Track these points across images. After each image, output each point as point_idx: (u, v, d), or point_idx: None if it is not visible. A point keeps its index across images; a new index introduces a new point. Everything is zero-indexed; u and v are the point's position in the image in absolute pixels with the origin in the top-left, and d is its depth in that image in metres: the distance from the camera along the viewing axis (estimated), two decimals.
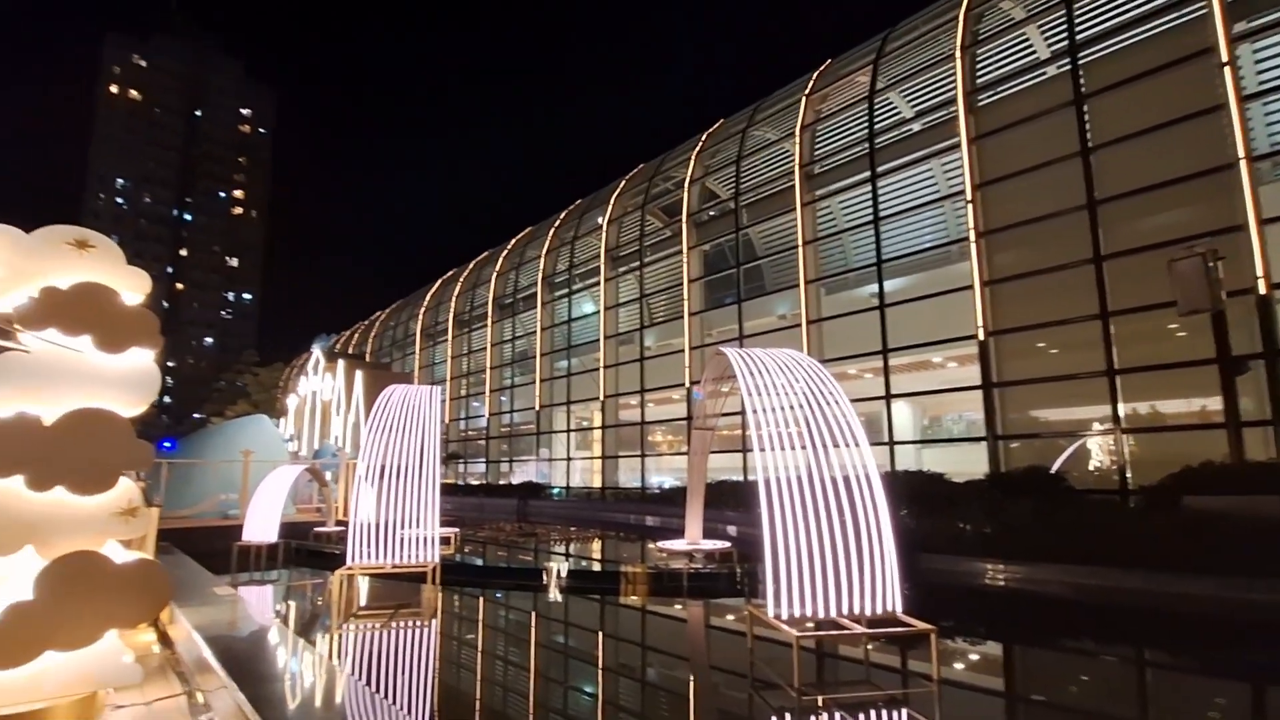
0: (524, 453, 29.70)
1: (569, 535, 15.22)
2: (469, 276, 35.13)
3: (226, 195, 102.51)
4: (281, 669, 4.39)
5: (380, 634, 7.06)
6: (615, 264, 25.35)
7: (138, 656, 4.06)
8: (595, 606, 9.09)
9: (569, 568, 10.55)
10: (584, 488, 25.72)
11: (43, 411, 3.49)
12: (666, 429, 24.05)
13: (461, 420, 33.70)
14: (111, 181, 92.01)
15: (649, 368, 23.18)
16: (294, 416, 27.89)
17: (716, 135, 23.10)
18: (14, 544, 3.49)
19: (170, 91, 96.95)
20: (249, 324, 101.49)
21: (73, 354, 3.53)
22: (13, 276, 3.43)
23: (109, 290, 3.63)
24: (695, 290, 21.56)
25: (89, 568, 3.59)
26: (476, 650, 7.02)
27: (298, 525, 13.23)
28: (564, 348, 27.47)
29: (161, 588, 3.83)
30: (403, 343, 39.64)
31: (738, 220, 20.27)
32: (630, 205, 25.49)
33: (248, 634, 5.28)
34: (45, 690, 3.58)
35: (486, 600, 9.39)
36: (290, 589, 10.27)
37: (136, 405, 3.80)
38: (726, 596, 9.09)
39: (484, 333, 32.17)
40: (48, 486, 3.45)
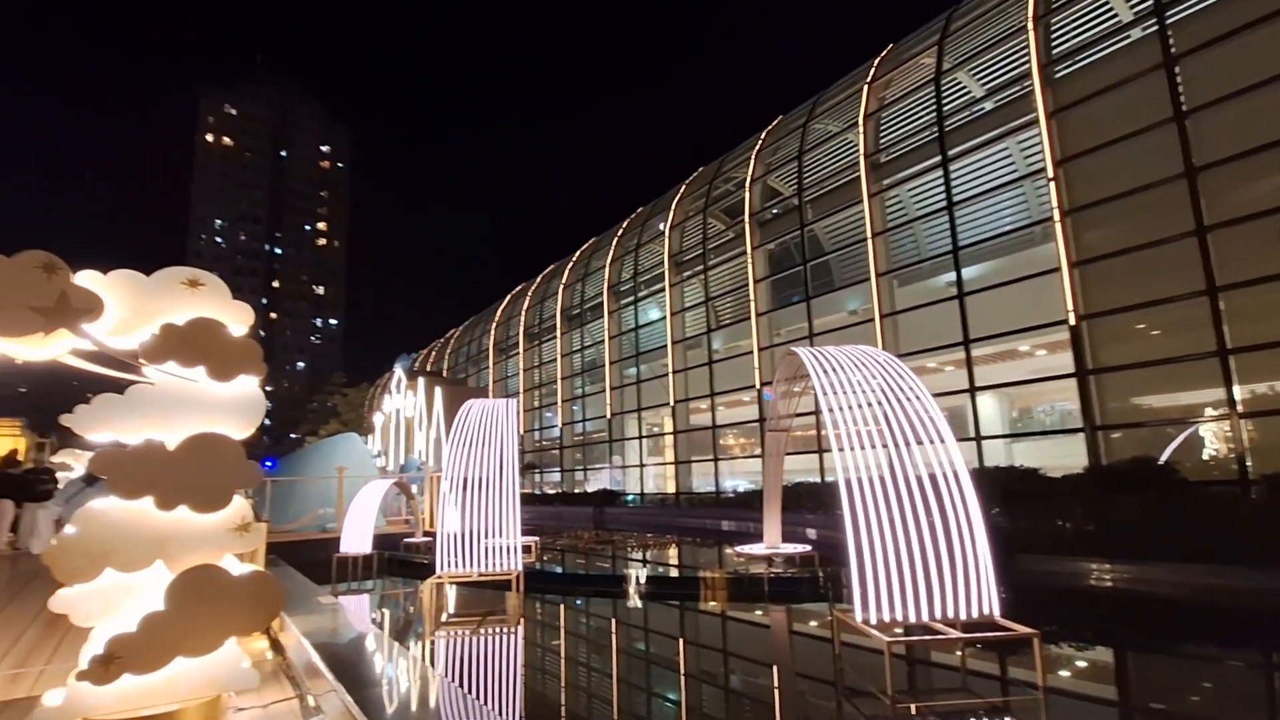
0: (597, 461, 30.06)
1: (645, 542, 15.28)
2: (537, 290, 35.97)
3: (311, 228, 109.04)
4: (383, 673, 4.62)
5: (470, 640, 7.31)
6: (679, 269, 25.37)
7: (253, 662, 4.37)
8: (675, 612, 9.09)
9: (648, 574, 10.59)
10: (658, 493, 25.78)
11: (166, 437, 3.82)
12: (738, 432, 23.81)
13: (536, 431, 34.47)
14: (211, 222, 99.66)
15: (718, 371, 23.03)
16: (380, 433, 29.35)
17: (776, 132, 22.79)
18: (146, 559, 3.84)
19: (258, 136, 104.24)
20: (336, 347, 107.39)
21: (190, 384, 3.86)
22: (136, 316, 3.78)
23: (218, 324, 3.95)
24: (761, 290, 21.30)
25: (211, 580, 3.90)
26: (562, 656, 7.16)
27: (389, 536, 13.86)
28: (632, 355, 27.68)
29: (274, 598, 4.11)
30: (476, 358, 40.96)
31: (802, 217, 19.91)
32: (692, 209, 25.47)
33: (351, 640, 5.57)
34: (177, 693, 3.91)
35: (568, 607, 9.56)
36: (385, 597, 10.77)
37: (245, 429, 4.11)
38: (809, 601, 8.90)
39: (554, 344, 32.84)
40: (173, 506, 3.78)
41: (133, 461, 3.70)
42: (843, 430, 5.45)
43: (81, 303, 3.47)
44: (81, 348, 3.71)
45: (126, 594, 3.85)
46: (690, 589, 9.63)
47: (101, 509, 3.79)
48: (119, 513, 3.76)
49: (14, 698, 4.76)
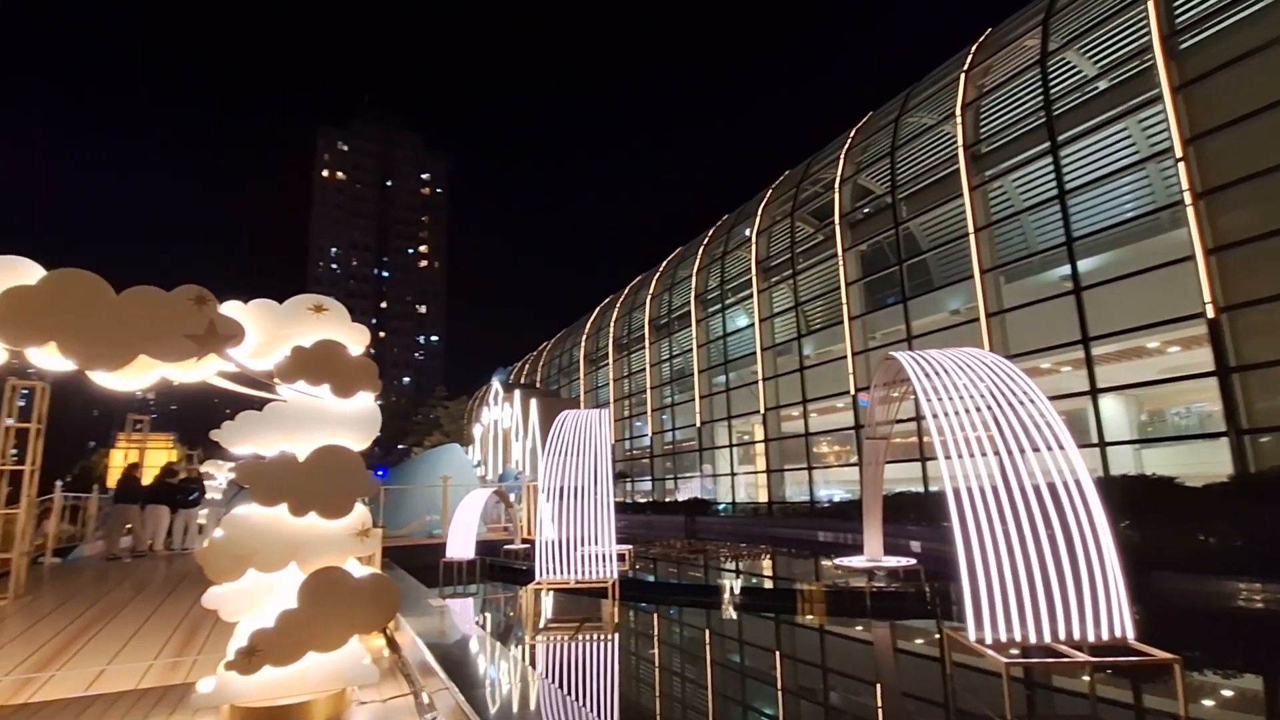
0: (688, 469, 30.00)
1: (738, 552, 15.08)
2: (625, 301, 36.50)
3: (414, 251, 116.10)
4: (490, 674, 4.82)
5: (569, 645, 7.48)
6: (767, 275, 25.01)
7: (372, 659, 4.68)
8: (770, 625, 8.91)
9: (742, 585, 10.45)
10: (750, 503, 25.38)
11: (298, 450, 4.19)
12: (833, 440, 23.08)
13: (626, 440, 34.87)
14: (328, 250, 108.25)
15: (810, 377, 22.46)
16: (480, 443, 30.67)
17: (866, 130, 22.08)
18: (282, 561, 4.21)
19: (367, 169, 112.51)
20: (438, 362, 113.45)
21: (316, 401, 4.22)
22: (271, 340, 4.19)
23: (340, 345, 4.30)
24: (854, 293, 20.62)
25: (337, 581, 4.22)
26: (659, 665, 7.19)
27: (489, 543, 14.44)
28: (721, 363, 27.50)
29: (392, 599, 4.40)
30: (568, 369, 42.00)
31: (896, 215, 19.14)
32: (778, 214, 25.07)
33: (460, 641, 5.85)
34: (308, 685, 4.25)
35: (663, 616, 9.58)
36: (487, 601, 11.22)
37: (364, 441, 4.44)
38: (915, 618, 8.47)
39: (642, 354, 33.16)
40: (304, 512, 4.13)
41: (270, 471, 4.09)
42: (949, 436, 5.17)
43: (227, 330, 3.88)
44: (226, 370, 4.15)
45: (267, 593, 4.24)
46: (786, 601, 9.42)
47: (244, 515, 4.21)
48: (259, 518, 4.16)
49: (173, 683, 5.34)
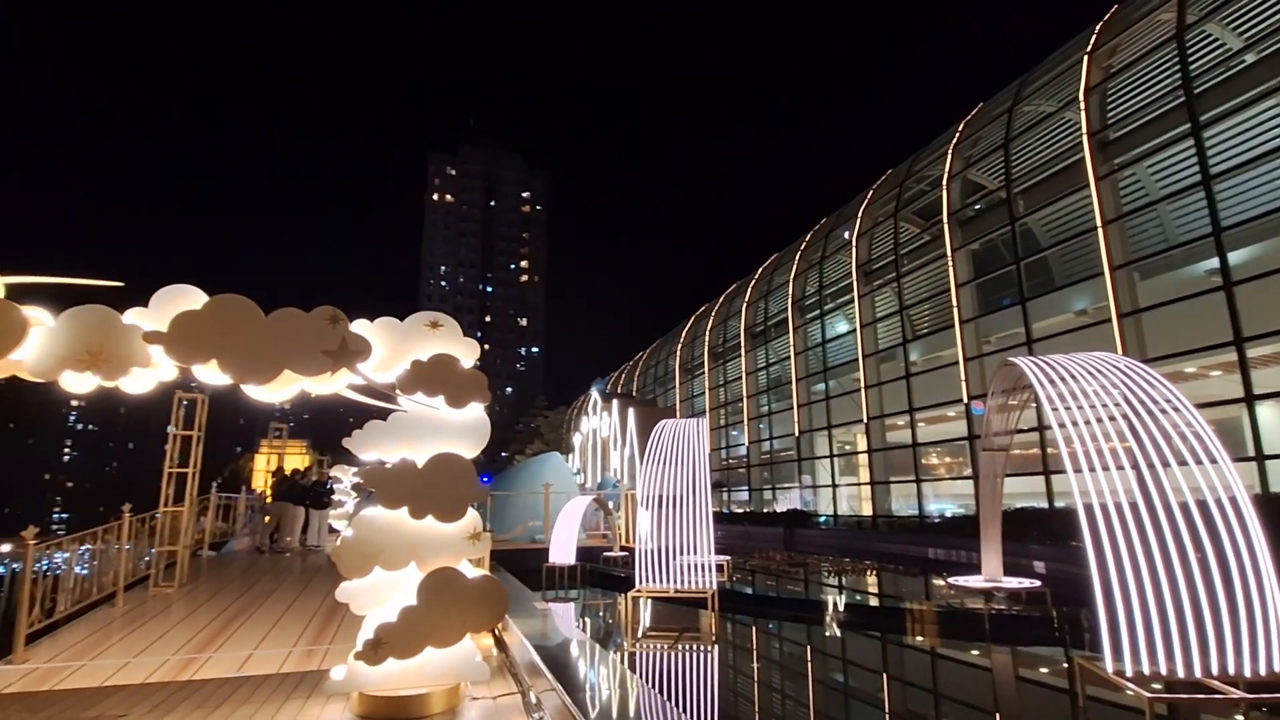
0: (786, 480, 29.30)
1: (841, 566, 14.55)
2: (720, 309, 36.32)
3: (515, 266, 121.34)
4: (595, 677, 4.94)
5: (668, 655, 7.51)
6: (868, 279, 24.09)
7: (482, 657, 4.92)
8: (878, 645, 8.53)
9: (846, 601, 10.08)
10: (853, 516, 24.41)
11: (416, 457, 4.50)
12: (943, 450, 21.81)
13: (722, 449, 34.57)
14: (438, 269, 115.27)
15: (916, 385, 21.36)
16: (579, 452, 31.43)
17: (975, 123, 20.85)
18: (403, 560, 4.53)
19: (473, 190, 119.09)
20: (537, 373, 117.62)
21: (433, 411, 4.52)
22: (393, 355, 4.54)
23: (454, 359, 4.59)
24: (965, 295, 19.44)
25: (452, 580, 4.48)
26: (759, 680, 7.06)
27: (588, 549, 14.74)
28: (820, 371, 26.72)
29: (502, 600, 4.61)
30: (663, 379, 42.25)
31: (1012, 210, 17.90)
32: (880, 215, 24.12)
33: (565, 644, 6.02)
34: (426, 679, 4.53)
35: (763, 630, 9.41)
36: (587, 606, 11.46)
37: (475, 449, 4.70)
38: (1040, 644, 7.84)
39: (738, 362, 32.82)
40: (422, 515, 4.42)
41: (392, 477, 4.42)
42: (1078, 448, 4.75)
43: (356, 346, 4.25)
44: (355, 382, 4.53)
45: (391, 589, 4.56)
46: (894, 620, 8.97)
47: (370, 516, 4.56)
48: (383, 520, 4.50)
49: (309, 669, 5.85)
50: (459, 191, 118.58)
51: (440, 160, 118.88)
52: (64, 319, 4.21)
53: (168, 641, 6.82)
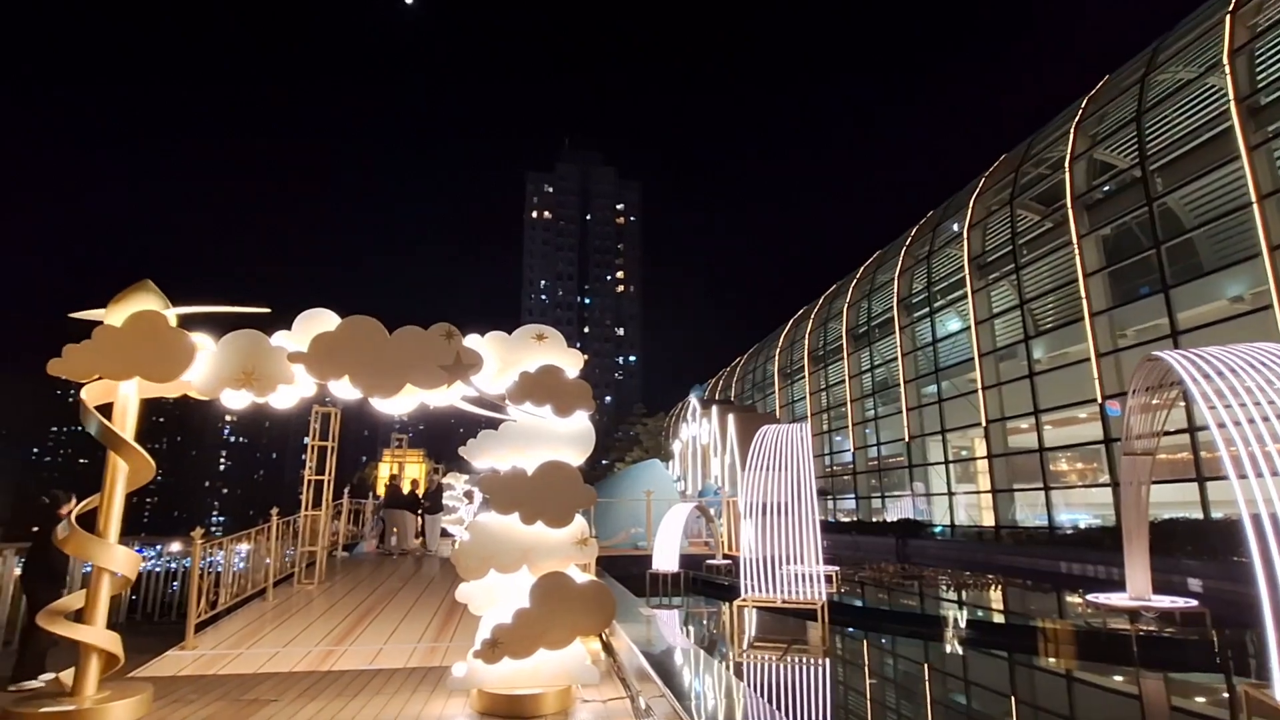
0: (896, 488, 27.90)
1: (962, 580, 13.65)
2: (819, 312, 35.29)
3: (611, 277, 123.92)
4: (703, 685, 4.92)
5: (777, 666, 7.34)
6: (983, 272, 22.58)
7: (591, 661, 5.02)
8: (1006, 665, 7.92)
9: (968, 617, 9.45)
10: (972, 526, 22.84)
11: (526, 464, 4.70)
12: (1074, 455, 19.98)
13: (826, 455, 33.46)
14: (538, 283, 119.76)
15: (1041, 384, 19.74)
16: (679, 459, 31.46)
17: (1100, 98, 19.11)
18: (516, 564, 4.72)
19: (569, 206, 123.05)
20: (635, 381, 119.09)
21: (541, 420, 4.70)
22: (504, 367, 4.77)
23: (559, 369, 4.76)
24: (1095, 285, 17.77)
25: (562, 584, 4.63)
26: (874, 697, 6.76)
27: (690, 557, 14.70)
28: (930, 372, 25.30)
29: (610, 605, 4.70)
30: (761, 384, 41.52)
31: (1148, 189, 16.21)
32: (994, 204, 22.58)
33: (672, 651, 6.04)
34: (540, 680, 4.69)
35: (876, 644, 8.99)
36: (691, 614, 11.42)
37: (581, 456, 4.84)
38: (1198, 670, 6.99)
39: (840, 365, 31.72)
40: (533, 521, 4.60)
41: (505, 483, 4.63)
42: (1241, 451, 4.19)
43: (470, 359, 4.50)
44: (468, 394, 4.79)
45: (505, 591, 4.77)
46: (1024, 639, 8.29)
47: (485, 521, 4.80)
48: (497, 525, 4.72)
49: (432, 665, 6.21)
50: (556, 207, 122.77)
51: (537, 179, 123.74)
52: (223, 343, 4.74)
53: (310, 634, 7.47)
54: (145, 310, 4.76)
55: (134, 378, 4.67)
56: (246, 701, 5.08)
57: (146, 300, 4.90)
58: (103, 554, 4.63)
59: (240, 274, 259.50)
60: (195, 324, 5.01)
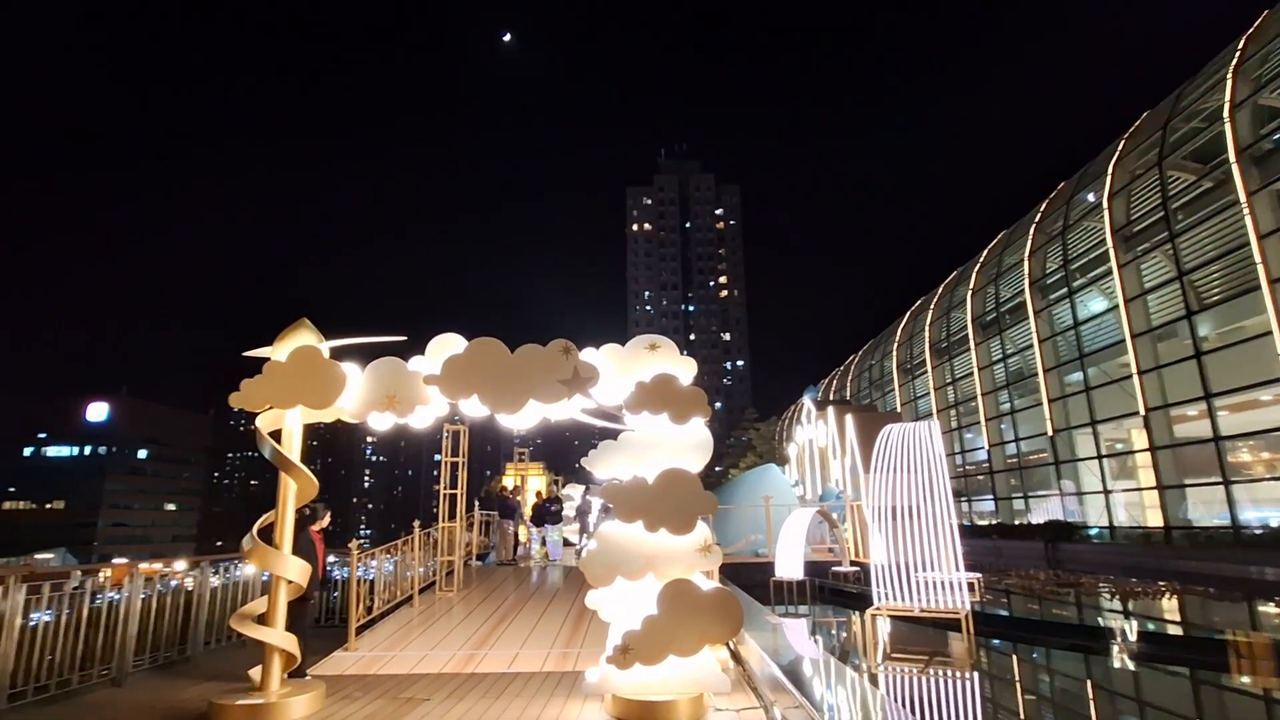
0: (1039, 487, 25.56)
1: (1127, 588, 12.25)
2: (940, 302, 33.22)
3: (715, 283, 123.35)
4: (842, 698, 4.74)
5: (919, 679, 6.93)
6: (1129, 244, 20.34)
7: (721, 670, 4.98)
8: (1188, 684, 7.01)
9: (1139, 628, 8.47)
10: (1135, 527, 20.47)
11: (646, 473, 4.77)
12: (1259, 444, 17.42)
13: (956, 454, 31.29)
14: (642, 294, 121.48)
15: (1211, 364, 17.42)
16: (795, 463, 30.65)
17: (1260, 36, 16.74)
18: (641, 572, 4.79)
19: (668, 216, 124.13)
20: (744, 386, 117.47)
21: (658, 429, 4.76)
22: (619, 378, 4.89)
23: (673, 377, 4.81)
24: (1273, 247, 15.50)
25: (688, 591, 4.64)
26: (1030, 715, 6.21)
27: (814, 564, 14.23)
28: (1074, 358, 23.03)
29: (738, 612, 4.66)
30: (879, 381, 39.62)
31: None
32: (1138, 167, 20.31)
33: (803, 661, 5.87)
34: (671, 687, 4.71)
35: (1029, 658, 8.26)
36: (820, 623, 11.04)
37: (700, 462, 4.85)
38: None
39: (967, 357, 29.64)
40: (656, 528, 4.65)
41: (627, 492, 4.72)
42: None
43: (587, 373, 4.65)
44: (587, 406, 4.95)
45: (635, 598, 4.85)
46: (1210, 654, 7.29)
47: (611, 530, 4.91)
48: (622, 533, 4.81)
49: (565, 670, 6.42)
50: (655, 219, 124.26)
51: (636, 192, 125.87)
52: (369, 371, 5.20)
53: (453, 638, 7.95)
54: (305, 346, 5.32)
55: (298, 406, 5.22)
56: (403, 700, 5.49)
57: (305, 336, 5.47)
58: (279, 564, 5.19)
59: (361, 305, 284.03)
60: (343, 355, 5.53)
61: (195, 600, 7.54)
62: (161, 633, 7.02)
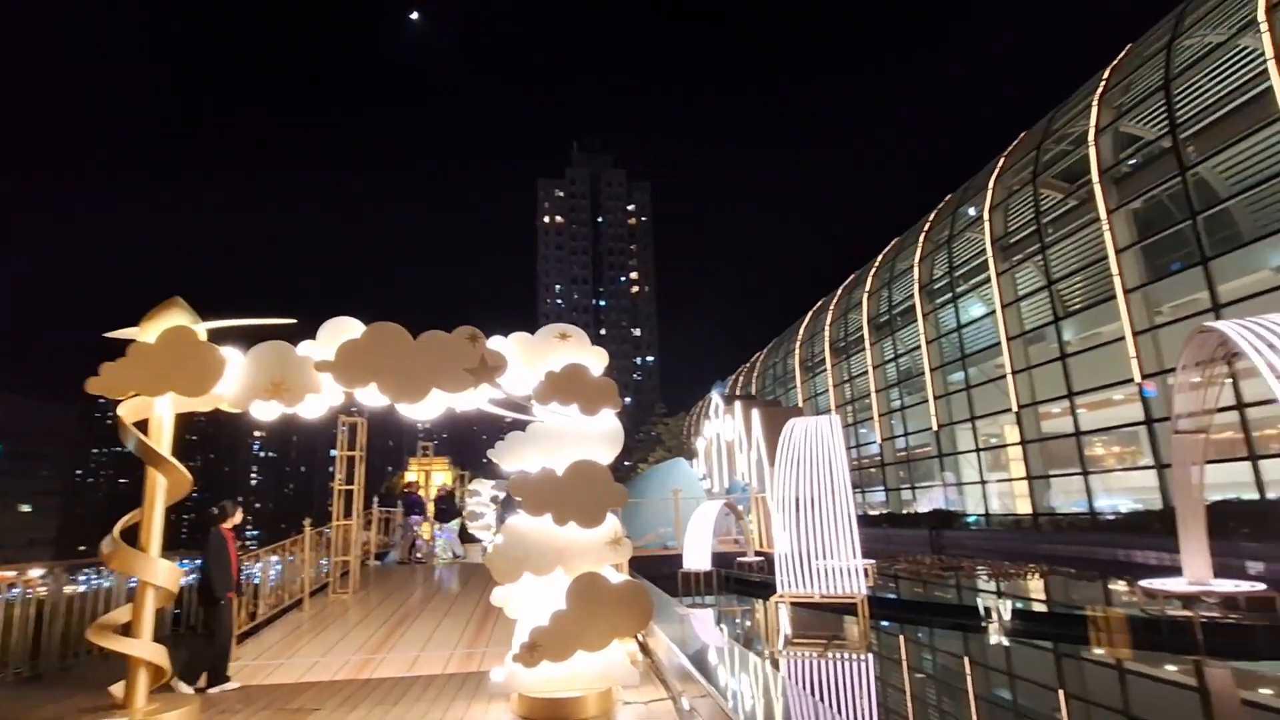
0: (925, 478, 27.45)
1: (1002, 570, 13.34)
2: (839, 302, 34.90)
3: (626, 279, 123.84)
4: (747, 684, 4.81)
5: (818, 663, 7.20)
6: (1006, 254, 22.12)
7: (630, 662, 4.94)
8: (1054, 657, 7.68)
9: (1013, 606, 9.20)
10: (1007, 514, 22.38)
11: (556, 465, 4.63)
12: (1111, 439, 19.46)
13: (853, 448, 33.04)
14: (552, 288, 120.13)
15: (1074, 366, 19.26)
16: (703, 457, 31.29)
17: (1124, 67, 18.60)
18: (550, 566, 4.66)
19: (580, 209, 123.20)
20: (654, 381, 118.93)
21: (568, 420, 4.64)
22: (528, 365, 4.72)
23: (584, 368, 4.69)
24: (1128, 261, 17.29)
25: (598, 585, 4.55)
26: (919, 693, 6.59)
27: (720, 555, 14.55)
28: (957, 359, 24.85)
29: (647, 604, 4.62)
30: (783, 378, 41.16)
31: (1181, 159, 15.72)
32: (1015, 184, 22.11)
33: (710, 650, 5.94)
34: (580, 683, 4.62)
35: (918, 638, 8.79)
36: (726, 613, 11.29)
37: (610, 454, 4.77)
38: (1269, 659, 6.70)
39: (863, 356, 31.32)
40: (565, 521, 4.53)
41: (536, 485, 4.57)
42: None
43: (495, 361, 4.45)
44: (495, 396, 4.74)
45: (542, 594, 4.71)
46: (1073, 629, 8.04)
47: (518, 524, 4.74)
48: (529, 527, 4.66)
49: (470, 670, 6.18)
50: (567, 212, 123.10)
51: (548, 185, 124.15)
52: (251, 355, 4.75)
53: (348, 643, 7.49)
54: (176, 326, 4.79)
55: (168, 393, 4.70)
56: (290, 711, 5.09)
57: (177, 316, 4.93)
58: (146, 568, 4.66)
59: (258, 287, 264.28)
60: (224, 338, 5.03)
61: (49, 610, 6.72)
62: (9, 647, 6.22)
